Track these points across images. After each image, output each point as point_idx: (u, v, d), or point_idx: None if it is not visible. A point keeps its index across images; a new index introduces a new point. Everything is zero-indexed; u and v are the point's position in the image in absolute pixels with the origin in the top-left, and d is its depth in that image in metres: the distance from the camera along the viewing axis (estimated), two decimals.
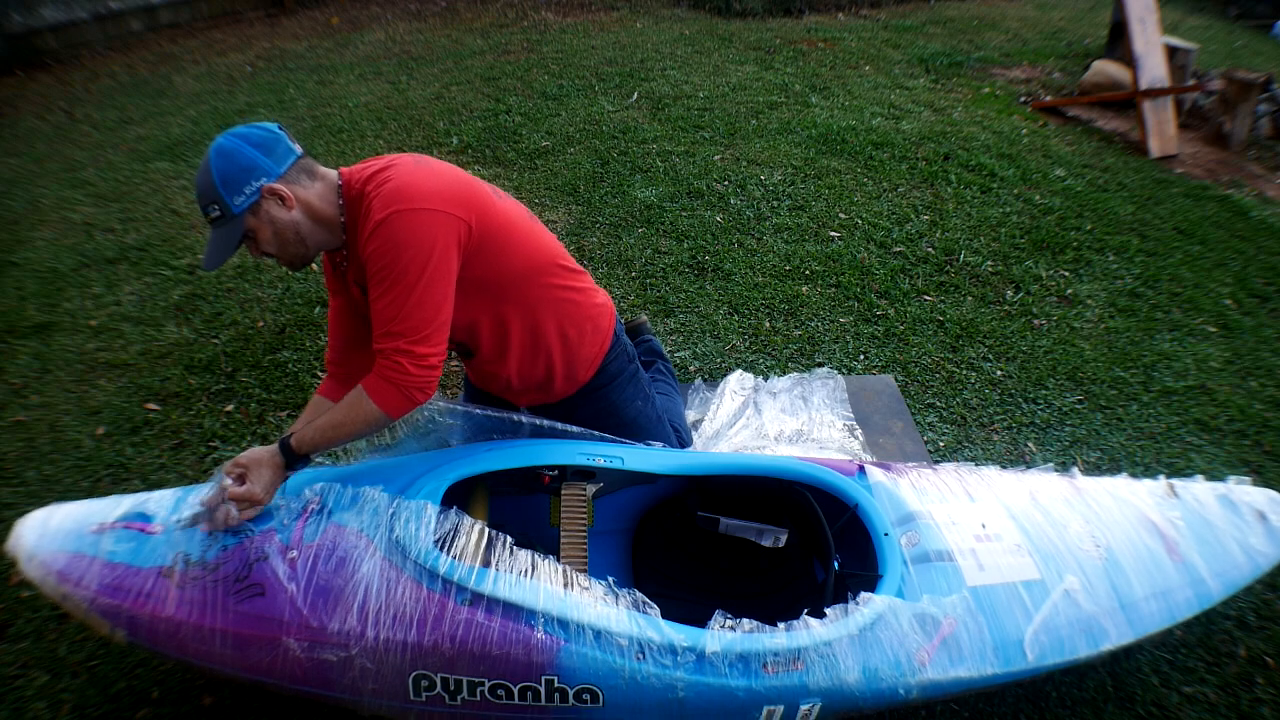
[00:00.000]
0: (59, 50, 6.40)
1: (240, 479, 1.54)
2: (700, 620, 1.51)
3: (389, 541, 1.50)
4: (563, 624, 1.43)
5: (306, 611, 1.44)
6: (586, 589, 1.48)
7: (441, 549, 1.49)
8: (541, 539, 1.93)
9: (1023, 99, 5.48)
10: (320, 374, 2.78)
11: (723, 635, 1.45)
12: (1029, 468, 2.04)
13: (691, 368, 2.84)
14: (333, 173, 1.61)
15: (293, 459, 1.56)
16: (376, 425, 1.55)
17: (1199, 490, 1.92)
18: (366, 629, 1.43)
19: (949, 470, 1.90)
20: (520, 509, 1.97)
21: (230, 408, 2.64)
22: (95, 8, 6.56)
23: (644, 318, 2.64)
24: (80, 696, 1.79)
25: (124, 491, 2.20)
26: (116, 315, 3.13)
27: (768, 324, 3.08)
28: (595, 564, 1.99)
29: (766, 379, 2.73)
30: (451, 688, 1.45)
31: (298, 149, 1.55)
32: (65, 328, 3.07)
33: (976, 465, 1.99)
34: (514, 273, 1.68)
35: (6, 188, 4.25)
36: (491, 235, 1.61)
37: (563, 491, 1.76)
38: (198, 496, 1.59)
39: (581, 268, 1.89)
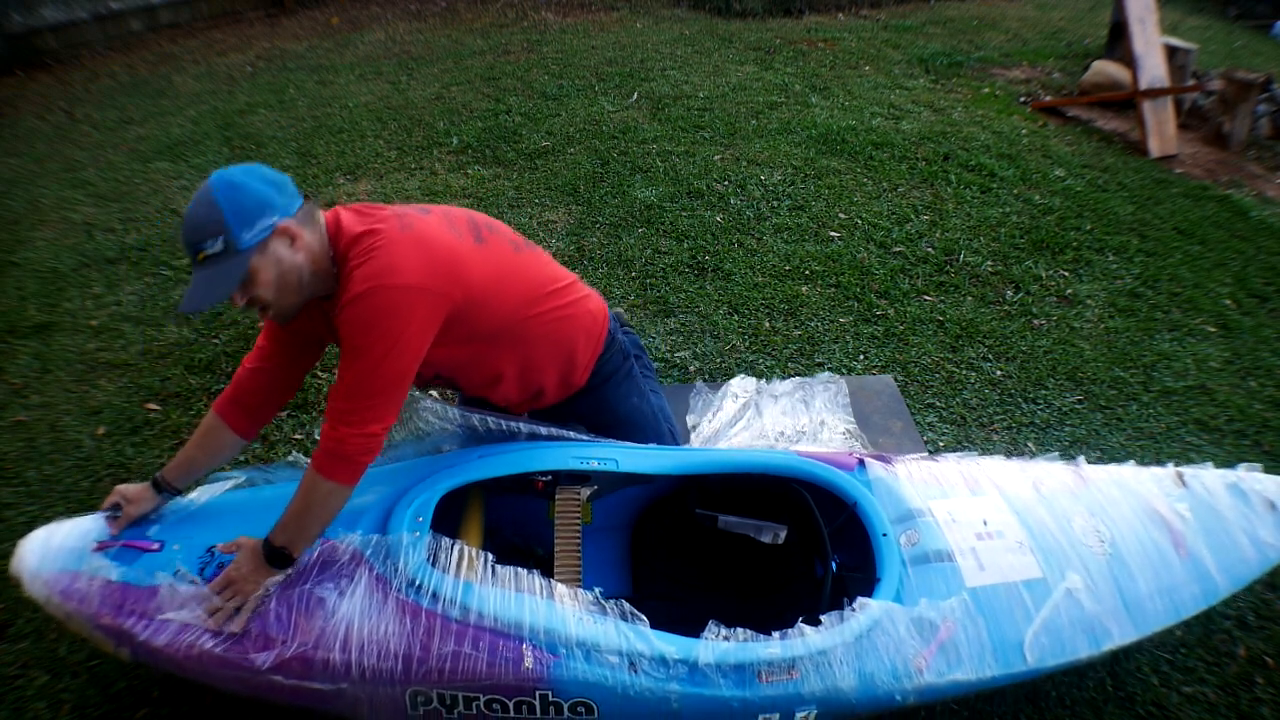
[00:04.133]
0: (59, 50, 6.39)
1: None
2: (699, 618, 1.51)
3: (382, 557, 1.50)
4: (555, 638, 1.43)
5: (302, 630, 1.44)
6: (579, 602, 1.48)
7: (433, 565, 1.49)
8: (539, 537, 1.93)
9: (1023, 99, 5.48)
10: (320, 373, 2.78)
11: (717, 646, 1.44)
12: (1034, 457, 2.01)
13: (691, 368, 2.83)
14: (322, 221, 1.52)
15: (282, 560, 1.49)
16: (339, 499, 1.49)
17: (1208, 479, 1.86)
18: (361, 646, 1.43)
19: (951, 460, 1.87)
20: (517, 506, 1.97)
21: None
22: (95, 8, 6.56)
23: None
24: (80, 696, 1.79)
25: None
26: (117, 315, 3.13)
27: (768, 324, 3.08)
28: (594, 561, 1.99)
29: (768, 381, 2.72)
30: (448, 702, 1.45)
31: (301, 195, 1.48)
32: (65, 328, 3.07)
33: (979, 455, 1.96)
34: (500, 322, 1.65)
35: (6, 188, 4.25)
36: (476, 299, 1.57)
37: (557, 497, 1.75)
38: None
39: (571, 276, 1.86)
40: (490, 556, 1.53)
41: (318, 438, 1.79)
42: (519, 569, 1.52)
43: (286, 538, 1.49)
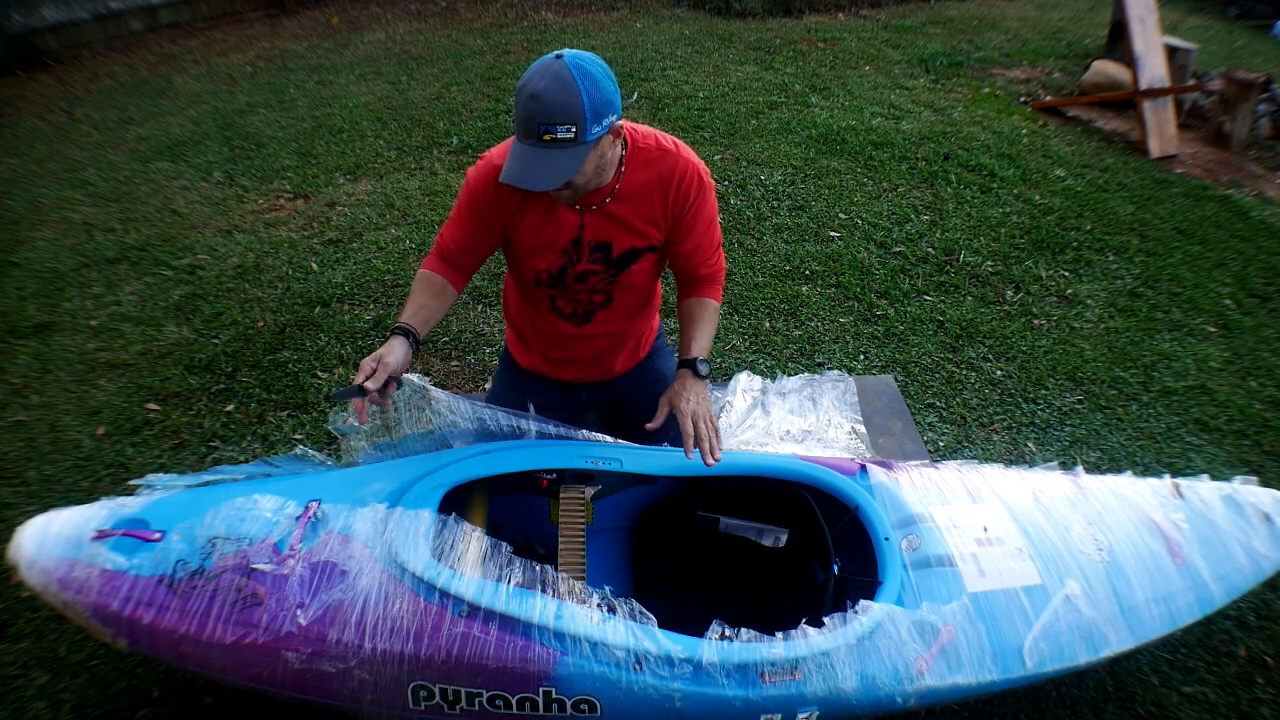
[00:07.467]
0: (59, 50, 6.39)
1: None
2: (700, 620, 1.50)
3: (387, 551, 1.50)
4: (560, 636, 1.43)
5: (305, 622, 1.44)
6: (584, 599, 1.48)
7: (439, 560, 1.49)
8: (541, 537, 1.93)
9: (1023, 99, 5.48)
10: (320, 373, 2.78)
11: (720, 645, 1.44)
12: (1032, 467, 2.03)
13: None
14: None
15: (698, 369, 1.66)
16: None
17: (1204, 490, 1.90)
18: (364, 640, 1.42)
19: (951, 469, 1.89)
20: (520, 507, 1.97)
21: (230, 408, 2.64)
22: (95, 8, 6.55)
23: None
24: (80, 696, 1.79)
25: (124, 492, 2.20)
26: (116, 315, 3.13)
27: (768, 324, 3.08)
28: (595, 563, 1.99)
29: (775, 379, 2.71)
30: (450, 698, 1.44)
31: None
32: (65, 328, 3.07)
33: (980, 464, 1.98)
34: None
35: (6, 188, 4.25)
36: None
37: (561, 495, 1.75)
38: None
39: None
40: (507, 546, 1.53)
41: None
42: (531, 561, 1.52)
43: (701, 349, 1.69)
